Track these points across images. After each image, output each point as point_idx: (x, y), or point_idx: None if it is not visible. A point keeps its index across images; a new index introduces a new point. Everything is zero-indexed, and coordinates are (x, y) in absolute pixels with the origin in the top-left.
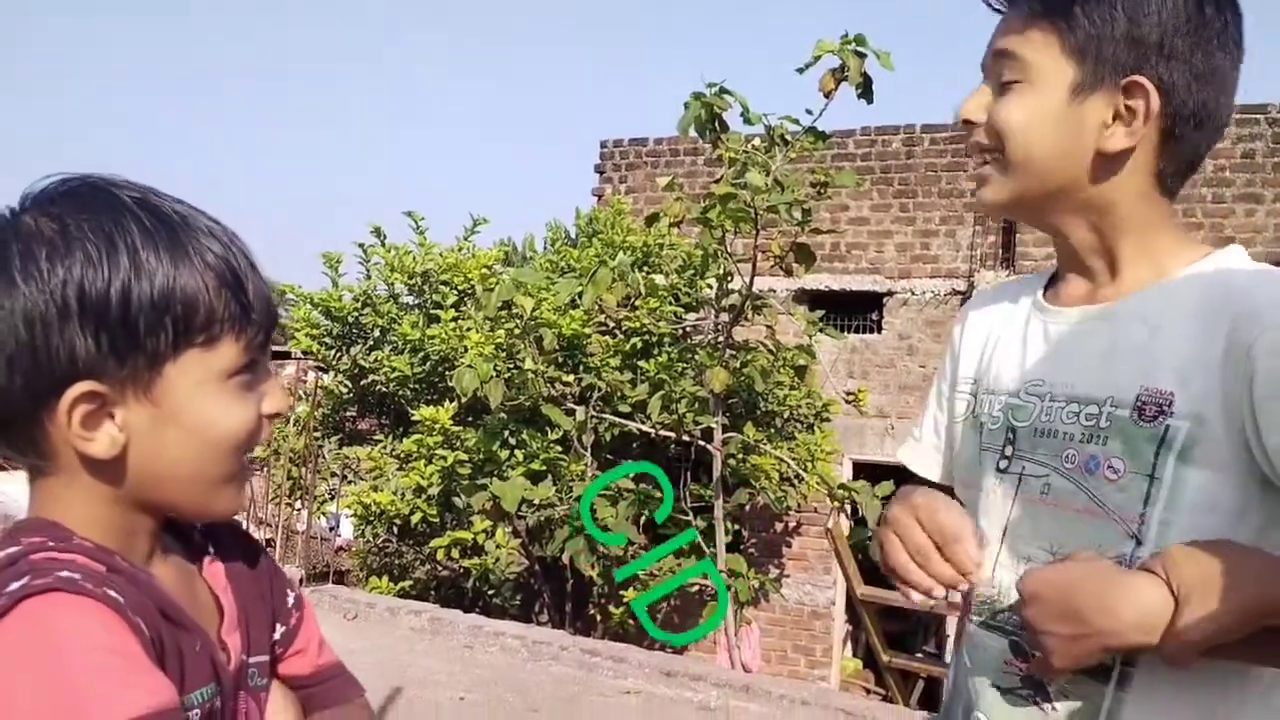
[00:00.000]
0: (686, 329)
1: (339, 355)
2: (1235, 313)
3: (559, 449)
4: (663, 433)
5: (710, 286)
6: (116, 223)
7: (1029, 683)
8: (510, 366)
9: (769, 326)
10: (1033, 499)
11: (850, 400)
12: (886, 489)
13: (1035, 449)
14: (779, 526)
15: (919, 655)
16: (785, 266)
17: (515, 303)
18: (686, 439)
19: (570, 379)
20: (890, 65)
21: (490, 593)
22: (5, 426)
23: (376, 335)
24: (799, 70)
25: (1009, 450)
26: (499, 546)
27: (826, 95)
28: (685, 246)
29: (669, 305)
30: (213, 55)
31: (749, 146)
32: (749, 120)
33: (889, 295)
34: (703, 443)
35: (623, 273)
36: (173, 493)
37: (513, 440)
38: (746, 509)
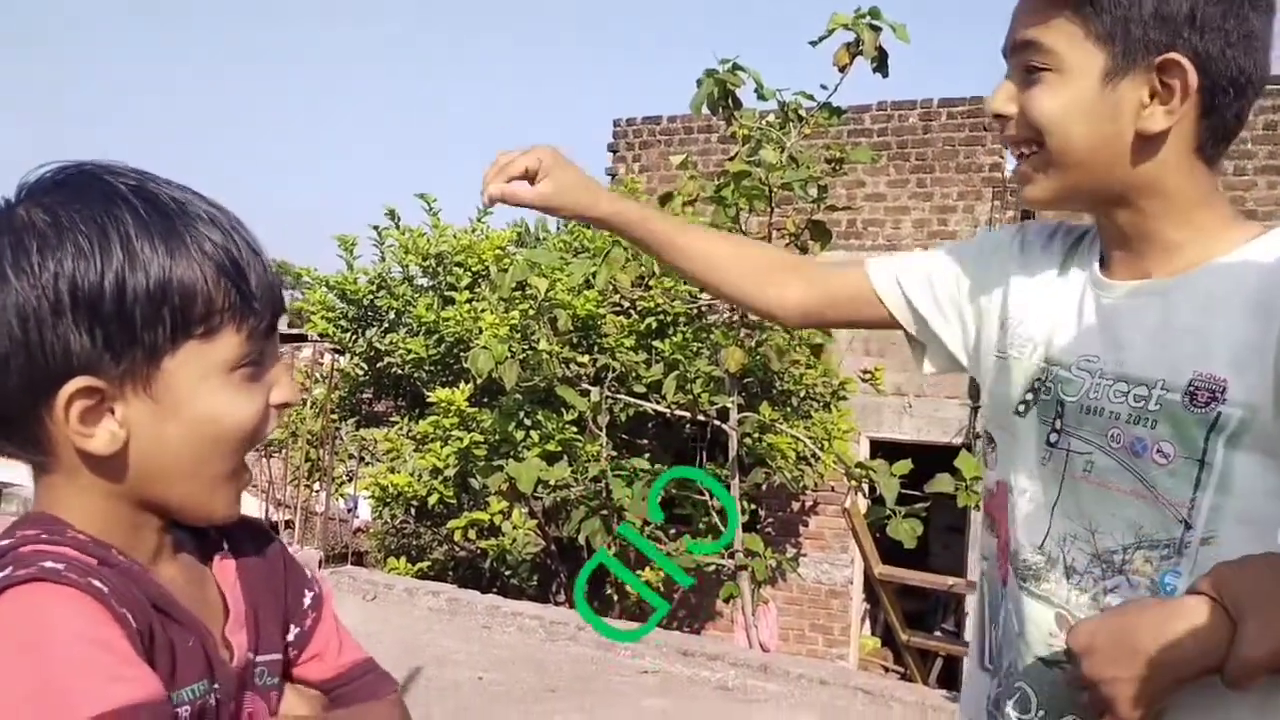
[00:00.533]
0: (701, 308)
1: (355, 338)
2: None
3: (574, 430)
4: (678, 413)
5: None
6: (109, 212)
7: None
8: (525, 348)
9: None
10: (1075, 475)
11: (867, 378)
12: (904, 468)
13: (1081, 425)
14: (796, 506)
15: (938, 634)
16: (801, 244)
17: (529, 283)
18: (702, 419)
19: (585, 360)
20: (906, 38)
21: (508, 573)
22: (5, 424)
23: (392, 317)
24: (812, 43)
25: (1058, 424)
26: (516, 527)
27: (841, 70)
28: (700, 224)
29: (683, 284)
30: (220, 36)
31: (763, 123)
32: (763, 96)
33: None
34: (718, 422)
35: (637, 252)
36: (174, 490)
37: (528, 421)
38: (763, 488)
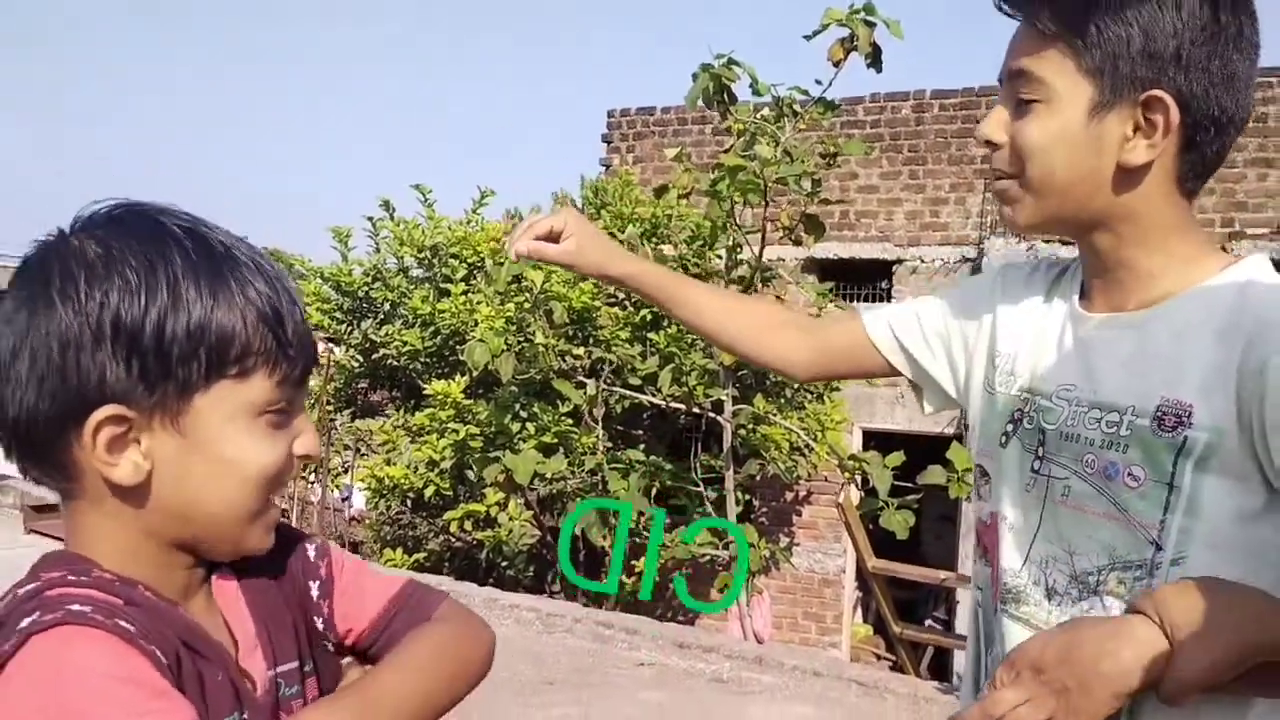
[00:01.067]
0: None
1: (350, 329)
2: (1251, 328)
3: (570, 422)
4: (673, 405)
5: (719, 257)
6: (159, 251)
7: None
8: (521, 340)
9: (778, 297)
10: (1055, 500)
11: None
12: (896, 459)
13: (1060, 452)
14: (789, 496)
15: (929, 623)
16: (795, 238)
17: (525, 276)
18: (697, 411)
19: (580, 352)
20: (900, 34)
21: (504, 564)
22: (34, 447)
23: (387, 309)
24: (807, 38)
25: (1040, 451)
26: (512, 518)
27: (836, 65)
28: (694, 217)
29: None
30: (218, 34)
31: (757, 117)
32: (758, 91)
33: (898, 263)
34: (713, 415)
35: (632, 244)
36: (198, 528)
37: (524, 413)
38: (757, 479)
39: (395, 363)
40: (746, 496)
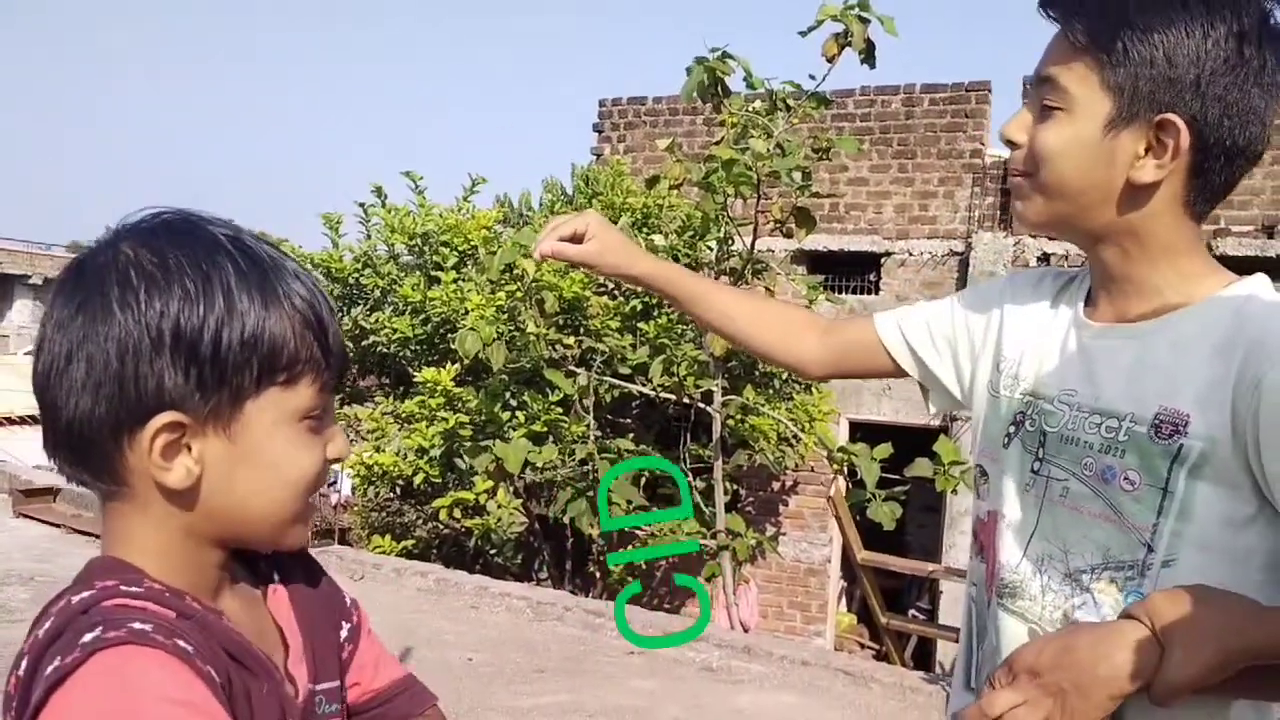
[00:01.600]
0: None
1: (340, 316)
2: (1248, 344)
3: (559, 411)
4: (664, 395)
5: (710, 249)
6: (213, 260)
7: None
8: (511, 329)
9: (769, 289)
10: (1053, 500)
11: None
12: (884, 452)
13: (1060, 454)
14: (776, 486)
15: (912, 613)
16: (785, 230)
17: (517, 265)
18: (687, 401)
19: (571, 342)
20: (894, 31)
21: (492, 552)
22: (85, 451)
23: (377, 296)
24: (801, 34)
25: (1040, 453)
26: (501, 506)
27: (830, 60)
28: (685, 208)
29: None
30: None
31: (750, 109)
32: (752, 85)
33: (887, 256)
34: (703, 405)
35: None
36: (241, 529)
37: (514, 402)
38: (744, 469)
39: (385, 350)
40: (734, 486)
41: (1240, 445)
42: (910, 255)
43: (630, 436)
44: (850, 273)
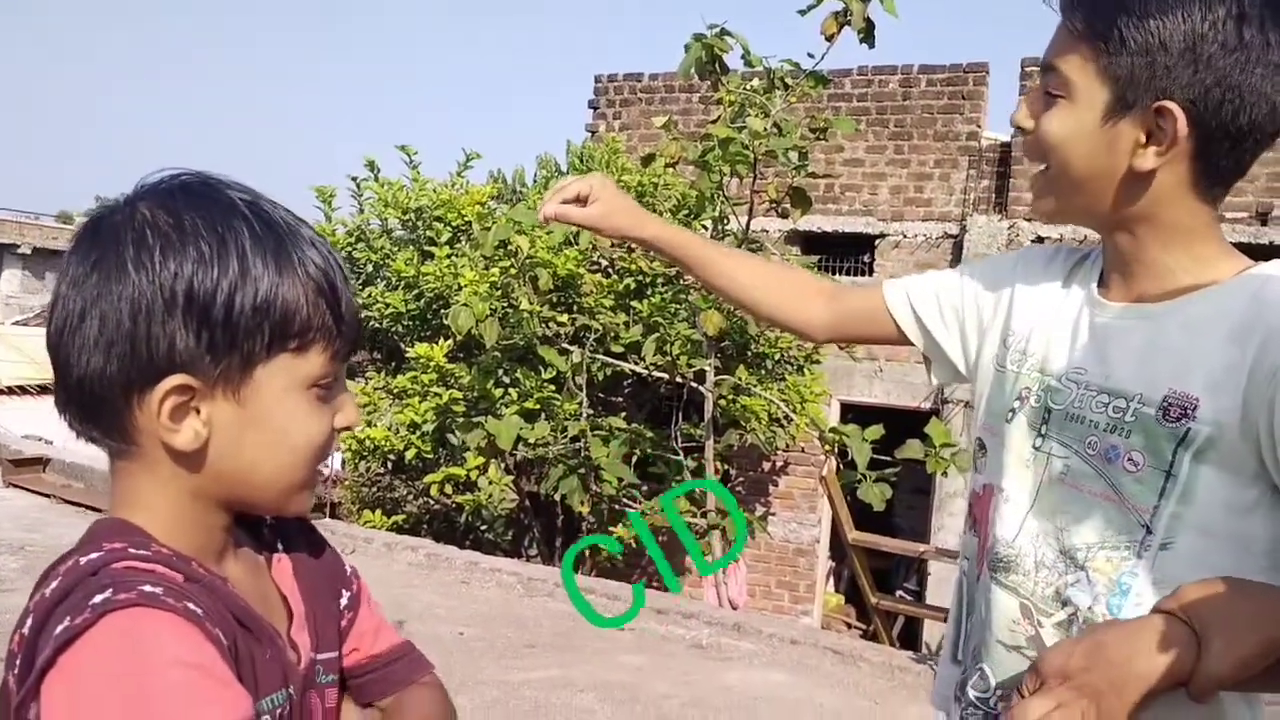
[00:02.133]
0: (680, 270)
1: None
2: (1266, 330)
3: (552, 388)
4: (656, 374)
5: (705, 228)
6: (229, 223)
7: (1034, 643)
8: (505, 305)
9: None
10: (1053, 477)
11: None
12: (876, 433)
13: (1063, 431)
14: (766, 466)
15: (900, 594)
16: (781, 210)
17: (511, 241)
18: (679, 380)
19: (565, 319)
20: (893, 10)
21: (482, 527)
22: (95, 409)
23: (369, 270)
24: (801, 12)
25: (1044, 429)
26: (492, 483)
27: (829, 39)
28: (680, 186)
29: None
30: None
31: (747, 88)
32: (750, 63)
33: (881, 238)
34: (695, 384)
35: None
36: (248, 493)
37: (507, 379)
38: (735, 448)
39: (377, 325)
40: (725, 466)
41: (1250, 431)
42: (905, 237)
43: (622, 415)
44: (845, 254)
